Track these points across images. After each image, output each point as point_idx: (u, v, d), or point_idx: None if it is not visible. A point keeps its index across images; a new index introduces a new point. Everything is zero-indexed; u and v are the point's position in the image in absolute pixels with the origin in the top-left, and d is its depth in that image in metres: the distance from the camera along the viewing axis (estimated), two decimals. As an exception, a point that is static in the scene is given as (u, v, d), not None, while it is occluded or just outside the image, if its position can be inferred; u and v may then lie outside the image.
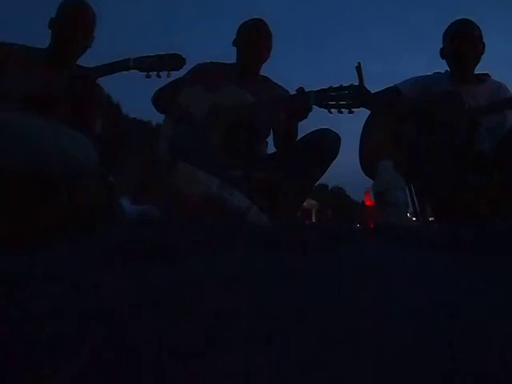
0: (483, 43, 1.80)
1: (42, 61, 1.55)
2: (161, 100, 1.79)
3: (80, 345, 0.28)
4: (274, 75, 1.88)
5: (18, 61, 1.50)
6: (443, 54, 1.84)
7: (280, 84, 1.85)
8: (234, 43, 1.83)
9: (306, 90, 1.56)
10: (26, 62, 1.51)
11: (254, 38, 1.78)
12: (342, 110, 1.51)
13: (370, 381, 0.25)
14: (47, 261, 0.50)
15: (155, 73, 1.58)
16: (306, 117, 1.62)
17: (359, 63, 1.44)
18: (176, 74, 1.68)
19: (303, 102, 1.55)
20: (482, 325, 0.31)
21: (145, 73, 1.57)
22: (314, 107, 1.56)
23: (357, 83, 1.48)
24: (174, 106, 1.69)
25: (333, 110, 1.52)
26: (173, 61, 1.59)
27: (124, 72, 1.56)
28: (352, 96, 1.49)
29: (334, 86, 1.52)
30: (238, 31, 1.84)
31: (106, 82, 1.67)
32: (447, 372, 0.25)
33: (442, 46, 1.86)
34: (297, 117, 1.63)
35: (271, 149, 1.84)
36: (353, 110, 1.51)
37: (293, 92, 1.62)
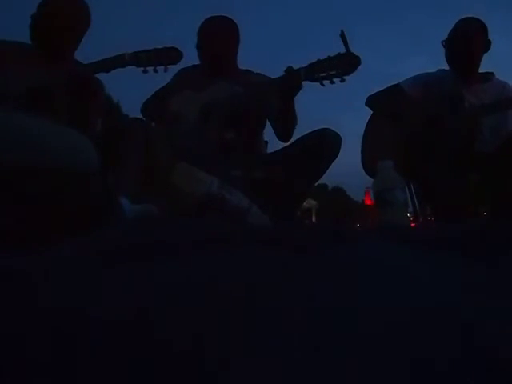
0: (488, 41, 1.79)
1: (39, 58, 1.54)
2: (150, 109, 1.80)
3: (80, 345, 0.28)
4: (273, 74, 1.87)
5: (14, 58, 1.49)
6: (445, 55, 1.84)
7: (262, 74, 1.83)
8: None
9: (295, 68, 1.55)
10: (23, 59, 1.50)
11: (207, 39, 1.76)
12: (334, 79, 1.50)
13: (370, 381, 0.25)
14: (46, 261, 0.50)
15: (152, 68, 1.56)
16: (295, 95, 1.60)
17: (342, 31, 1.43)
18: (173, 69, 1.67)
19: (293, 79, 1.54)
20: (482, 325, 0.31)
21: (141, 68, 1.55)
22: (307, 85, 1.55)
23: (343, 51, 1.47)
24: (164, 111, 1.68)
25: (325, 81, 1.51)
26: (170, 54, 1.57)
27: (121, 69, 1.54)
28: (341, 64, 1.49)
29: (323, 58, 1.51)
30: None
31: (106, 82, 1.67)
32: (445, 372, 0.25)
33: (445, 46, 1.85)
34: (289, 97, 1.62)
35: (271, 148, 1.84)
36: (344, 77, 1.50)
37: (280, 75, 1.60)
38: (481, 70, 1.83)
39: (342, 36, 1.44)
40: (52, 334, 0.30)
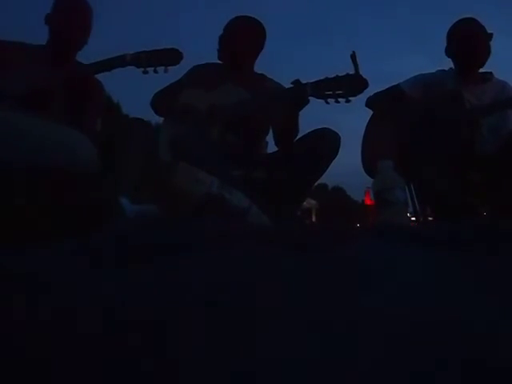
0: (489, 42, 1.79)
1: (40, 58, 1.54)
2: (160, 102, 1.79)
3: (79, 345, 0.28)
4: (272, 74, 1.87)
5: (15, 58, 1.49)
6: (448, 53, 1.84)
7: (276, 80, 1.84)
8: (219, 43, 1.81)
9: (303, 83, 1.55)
10: (24, 59, 1.50)
11: (229, 37, 1.77)
12: (339, 99, 1.50)
13: (368, 381, 0.25)
14: (46, 260, 0.50)
15: (152, 69, 1.57)
16: (301, 109, 1.61)
17: (354, 52, 1.44)
18: (173, 70, 1.67)
19: (300, 94, 1.54)
20: (482, 325, 0.31)
21: (142, 69, 1.56)
22: (312, 100, 1.55)
23: (352, 72, 1.48)
24: (176, 105, 1.68)
25: (330, 100, 1.51)
26: (170, 56, 1.57)
27: (121, 69, 1.55)
28: (348, 85, 1.49)
29: (330, 77, 1.51)
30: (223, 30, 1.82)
31: (106, 82, 1.67)
32: (445, 371, 0.25)
33: (445, 45, 1.86)
34: (294, 110, 1.63)
35: (271, 148, 1.84)
36: (350, 98, 1.50)
37: (289, 86, 1.62)
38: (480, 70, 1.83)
39: (353, 57, 1.44)
40: (51, 334, 0.30)
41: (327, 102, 1.52)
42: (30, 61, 1.50)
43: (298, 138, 1.71)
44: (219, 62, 1.86)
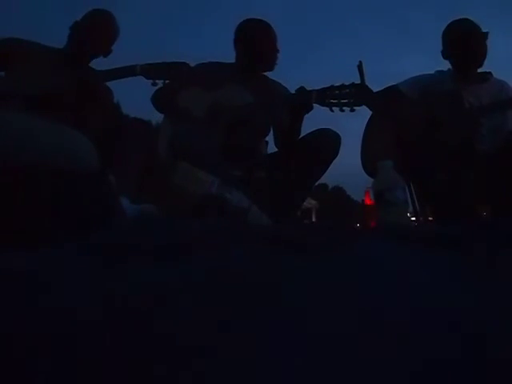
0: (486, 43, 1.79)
1: (55, 61, 1.55)
2: (160, 100, 1.79)
3: (79, 345, 0.28)
4: (273, 75, 1.87)
5: (30, 59, 1.50)
6: (445, 54, 1.84)
7: (278, 81, 1.84)
8: (237, 44, 1.81)
9: (308, 89, 1.56)
10: (39, 60, 1.51)
11: (266, 42, 1.77)
12: (344, 108, 1.51)
13: (368, 381, 0.25)
14: (46, 260, 0.50)
15: (162, 81, 1.60)
16: (304, 115, 1.62)
17: (360, 62, 1.45)
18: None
19: (304, 100, 1.55)
20: (482, 325, 0.31)
21: (151, 80, 1.59)
22: (316, 106, 1.56)
23: (358, 81, 1.49)
24: (173, 105, 1.69)
25: (334, 108, 1.52)
26: (180, 69, 1.60)
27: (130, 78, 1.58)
28: (354, 94, 1.50)
29: (336, 85, 1.52)
30: (241, 31, 1.81)
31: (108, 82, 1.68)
32: (445, 372, 0.25)
33: (442, 46, 1.86)
34: (298, 116, 1.63)
35: (271, 149, 1.84)
36: (354, 108, 1.51)
37: (293, 91, 1.63)
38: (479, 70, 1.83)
39: (360, 67, 1.45)
40: (51, 335, 0.30)
41: (332, 110, 1.53)
42: (45, 63, 1.51)
43: (298, 138, 1.71)
44: (221, 61, 1.86)
